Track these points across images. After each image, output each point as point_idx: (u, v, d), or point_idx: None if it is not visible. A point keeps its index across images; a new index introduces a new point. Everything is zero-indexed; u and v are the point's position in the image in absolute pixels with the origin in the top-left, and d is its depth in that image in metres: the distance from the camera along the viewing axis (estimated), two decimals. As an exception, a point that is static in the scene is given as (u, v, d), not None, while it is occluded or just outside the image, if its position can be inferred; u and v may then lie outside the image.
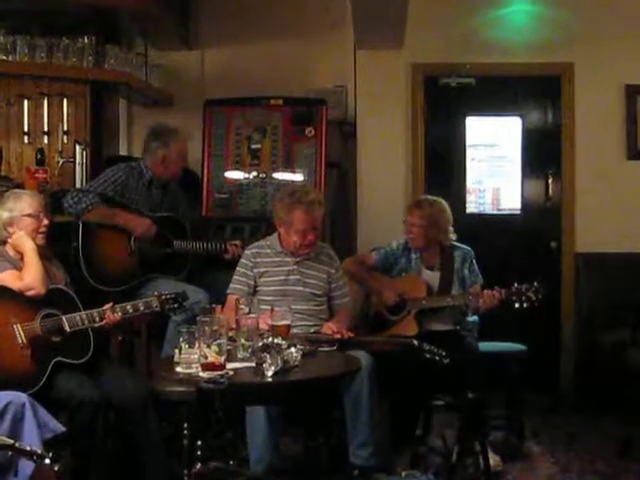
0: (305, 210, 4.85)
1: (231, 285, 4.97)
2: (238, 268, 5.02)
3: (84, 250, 5.27)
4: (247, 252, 5.07)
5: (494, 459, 5.07)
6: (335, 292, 5.06)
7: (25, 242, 4.45)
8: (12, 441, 3.45)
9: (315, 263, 5.02)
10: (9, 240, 4.50)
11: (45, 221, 4.54)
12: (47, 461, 3.38)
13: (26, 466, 3.57)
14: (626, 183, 6.95)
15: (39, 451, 3.47)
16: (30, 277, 4.33)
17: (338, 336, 4.69)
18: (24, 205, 4.52)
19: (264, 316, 4.39)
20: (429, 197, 5.69)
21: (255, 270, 4.96)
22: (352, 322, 5.11)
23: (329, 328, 4.78)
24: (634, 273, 6.50)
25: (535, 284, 5.06)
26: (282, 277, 4.94)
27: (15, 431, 3.70)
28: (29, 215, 4.50)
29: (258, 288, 4.94)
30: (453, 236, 5.59)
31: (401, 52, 6.90)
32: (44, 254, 4.53)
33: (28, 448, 3.45)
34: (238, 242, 5.52)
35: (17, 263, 4.44)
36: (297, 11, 7.01)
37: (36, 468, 3.57)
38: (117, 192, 5.41)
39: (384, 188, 6.86)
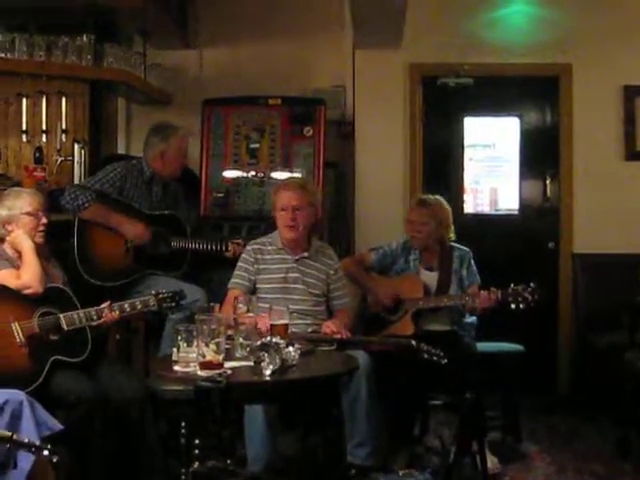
0: (284, 189, 5.00)
1: (232, 280, 4.99)
2: (239, 263, 5.04)
3: (80, 246, 5.28)
4: (248, 248, 5.09)
5: (491, 459, 5.08)
6: (334, 293, 5.07)
7: (23, 240, 4.45)
8: (10, 433, 3.44)
9: (314, 262, 5.04)
10: (7, 238, 4.50)
11: (44, 220, 4.54)
12: (46, 452, 3.38)
13: (25, 459, 3.57)
14: (624, 184, 6.97)
15: (37, 443, 3.47)
16: (28, 276, 4.33)
17: (337, 336, 4.70)
18: (23, 203, 4.52)
19: (263, 318, 4.38)
20: (431, 196, 5.69)
21: (256, 266, 4.98)
22: (352, 323, 5.10)
23: (328, 327, 4.78)
24: (632, 274, 6.47)
25: (531, 285, 5.06)
26: (282, 274, 4.96)
27: (13, 429, 3.68)
28: (28, 213, 4.51)
29: (258, 285, 4.95)
30: (453, 236, 5.59)
31: (399, 52, 6.91)
32: (42, 253, 4.53)
33: (26, 440, 3.45)
34: (240, 240, 5.52)
35: (15, 261, 4.45)
36: (296, 11, 7.01)
37: (35, 460, 3.57)
38: (115, 189, 5.41)
39: (382, 188, 6.87)
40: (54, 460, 3.43)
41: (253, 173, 6.36)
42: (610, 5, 6.91)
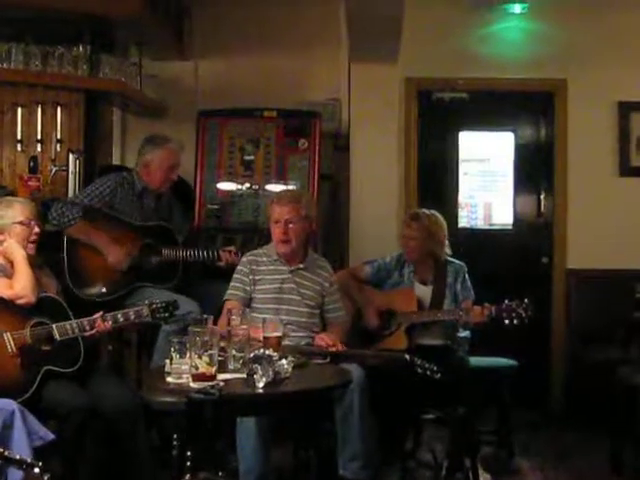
0: (277, 202, 5.00)
1: (228, 292, 4.99)
2: (235, 275, 5.03)
3: (69, 260, 5.26)
4: (244, 259, 5.09)
5: (484, 475, 5.08)
6: (329, 306, 5.07)
7: (15, 250, 4.43)
8: (1, 450, 3.43)
9: (310, 274, 5.03)
10: (-1, 248, 4.49)
11: (36, 229, 4.53)
12: (36, 470, 3.36)
13: (15, 474, 3.55)
14: (618, 199, 7.00)
15: (29, 460, 3.45)
16: (20, 285, 4.31)
17: (332, 349, 4.69)
18: (15, 213, 4.50)
19: (257, 330, 4.37)
20: (425, 210, 5.69)
21: (251, 277, 4.97)
22: (346, 336, 5.09)
23: (322, 340, 4.78)
24: (625, 290, 6.50)
25: (525, 301, 5.05)
26: (277, 285, 4.96)
27: (4, 438, 3.69)
28: (20, 223, 4.49)
29: (253, 295, 4.95)
30: (448, 250, 5.59)
31: (395, 66, 6.88)
32: (35, 262, 4.52)
33: (17, 457, 3.43)
34: (232, 248, 5.52)
35: (7, 271, 4.43)
36: (292, 23, 7.01)
37: (25, 476, 3.55)
38: (105, 203, 5.39)
39: (377, 201, 6.84)
40: (45, 478, 3.41)
41: (248, 185, 6.35)
42: (605, 21, 6.95)
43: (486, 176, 7.35)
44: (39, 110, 5.90)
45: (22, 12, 5.74)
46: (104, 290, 5.31)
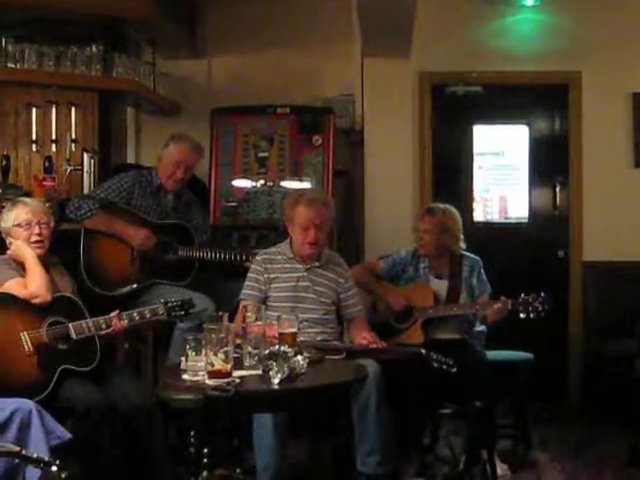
0: (306, 205, 4.89)
1: (243, 291, 4.97)
2: (249, 274, 5.02)
3: (85, 255, 5.29)
4: (258, 258, 5.08)
5: (501, 468, 5.07)
6: (348, 301, 5.05)
7: (24, 251, 4.46)
8: (18, 448, 3.45)
9: (325, 271, 5.02)
10: (9, 250, 4.52)
11: (36, 230, 4.53)
12: (54, 468, 3.38)
13: (33, 474, 3.57)
14: (634, 191, 6.97)
15: (46, 458, 3.47)
16: (34, 285, 4.33)
17: (374, 346, 4.71)
18: (15, 215, 4.54)
19: (273, 327, 4.37)
20: (440, 204, 5.68)
21: (266, 275, 4.95)
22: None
23: (364, 339, 4.79)
24: (641, 282, 6.50)
25: (542, 295, 5.04)
26: (292, 283, 4.94)
27: (22, 438, 3.71)
28: (18, 225, 4.51)
29: (268, 294, 4.94)
30: (463, 244, 5.58)
31: (408, 60, 6.88)
32: (48, 262, 4.54)
33: (35, 455, 3.45)
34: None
35: (21, 272, 4.45)
36: (304, 20, 7.01)
37: (43, 475, 3.57)
38: (122, 198, 5.42)
39: (391, 196, 6.84)
40: (63, 476, 3.43)
41: (262, 182, 6.35)
42: (619, 12, 6.92)
43: (501, 169, 7.33)
44: (53, 110, 5.93)
45: (35, 13, 5.78)
46: (120, 286, 5.33)
